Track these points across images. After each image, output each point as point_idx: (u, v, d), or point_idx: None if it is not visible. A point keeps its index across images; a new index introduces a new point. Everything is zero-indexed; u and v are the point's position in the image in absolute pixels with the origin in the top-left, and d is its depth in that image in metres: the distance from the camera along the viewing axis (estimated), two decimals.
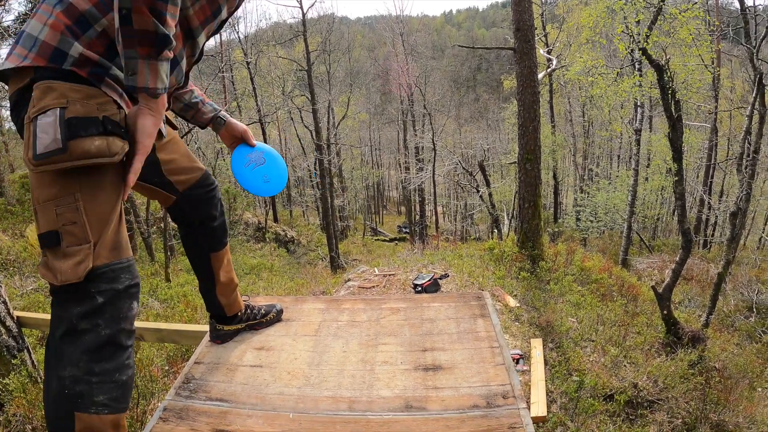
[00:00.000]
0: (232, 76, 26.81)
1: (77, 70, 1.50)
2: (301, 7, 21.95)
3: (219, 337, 2.65)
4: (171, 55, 1.48)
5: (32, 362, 3.39)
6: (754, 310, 10.04)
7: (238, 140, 2.35)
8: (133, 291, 1.67)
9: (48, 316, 3.37)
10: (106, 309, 1.56)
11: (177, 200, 2.21)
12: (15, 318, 3.32)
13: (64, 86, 1.47)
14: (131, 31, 1.38)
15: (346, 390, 2.29)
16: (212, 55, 23.76)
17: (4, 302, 3.24)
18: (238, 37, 26.93)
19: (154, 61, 1.43)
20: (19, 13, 15.22)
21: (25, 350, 3.35)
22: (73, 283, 1.51)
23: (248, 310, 2.74)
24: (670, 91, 7.07)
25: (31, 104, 1.46)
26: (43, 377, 3.41)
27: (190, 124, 13.32)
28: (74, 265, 1.51)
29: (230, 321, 2.65)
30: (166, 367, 4.33)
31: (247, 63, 25.09)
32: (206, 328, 2.88)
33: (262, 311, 2.82)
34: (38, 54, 1.47)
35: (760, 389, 7.04)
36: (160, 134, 1.97)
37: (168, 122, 2.13)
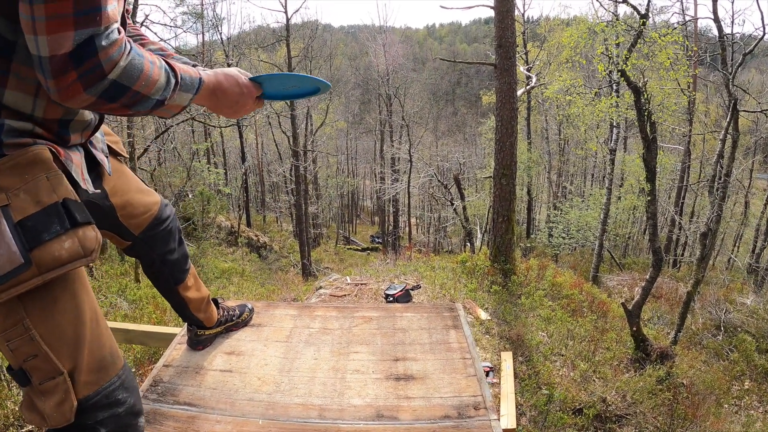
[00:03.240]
0: None
1: None
2: (286, 12, 21.92)
3: (200, 343, 2.60)
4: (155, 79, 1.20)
5: None
6: (722, 328, 10.18)
7: None
8: (137, 407, 1.47)
9: None
10: None
11: (134, 245, 2.02)
12: None
13: None
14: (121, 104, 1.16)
15: (316, 397, 2.26)
16: (194, 55, 23.57)
17: None
18: (221, 38, 26.85)
19: (158, 102, 1.23)
20: None
21: None
22: (64, 426, 1.29)
23: (225, 313, 2.71)
24: (646, 113, 7.18)
25: None
26: (7, 377, 3.34)
27: (166, 123, 13.19)
28: (56, 405, 1.26)
29: (210, 326, 2.61)
30: (134, 370, 4.26)
31: (228, 65, 24.95)
32: (176, 330, 2.84)
33: (237, 312, 2.80)
34: None
35: (726, 406, 7.14)
36: (100, 175, 1.67)
37: (112, 152, 1.77)
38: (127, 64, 1.10)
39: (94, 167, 1.58)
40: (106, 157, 1.67)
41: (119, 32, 1.09)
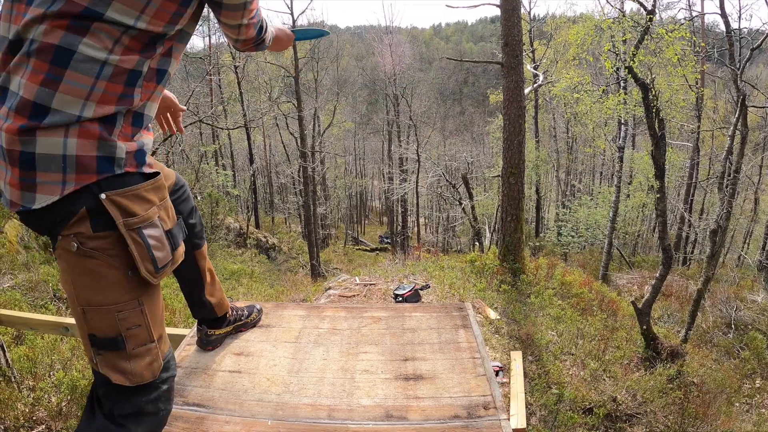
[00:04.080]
0: (220, 79, 26.70)
1: (132, 170, 1.45)
2: (292, 14, 21.98)
3: (210, 343, 2.61)
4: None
5: (6, 361, 3.32)
6: (733, 326, 10.12)
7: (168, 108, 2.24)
8: (176, 370, 1.80)
9: (24, 314, 3.34)
10: (167, 393, 1.69)
11: None
12: None
13: (145, 190, 1.48)
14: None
15: (325, 398, 2.26)
16: (200, 58, 23.68)
17: None
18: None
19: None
20: None
21: (0, 348, 3.28)
22: (147, 381, 1.60)
23: (234, 312, 2.73)
24: (654, 110, 7.14)
25: (118, 213, 1.39)
26: (18, 378, 3.36)
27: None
28: (147, 365, 1.58)
29: (220, 324, 2.62)
30: None
31: (235, 67, 25.04)
32: (185, 331, 2.85)
33: (246, 312, 2.81)
34: (79, 173, 1.33)
35: (737, 404, 7.09)
36: None
37: None
38: (264, 23, 1.77)
39: None
40: None
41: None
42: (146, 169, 1.49)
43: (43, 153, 1.28)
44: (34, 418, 3.12)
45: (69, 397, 3.23)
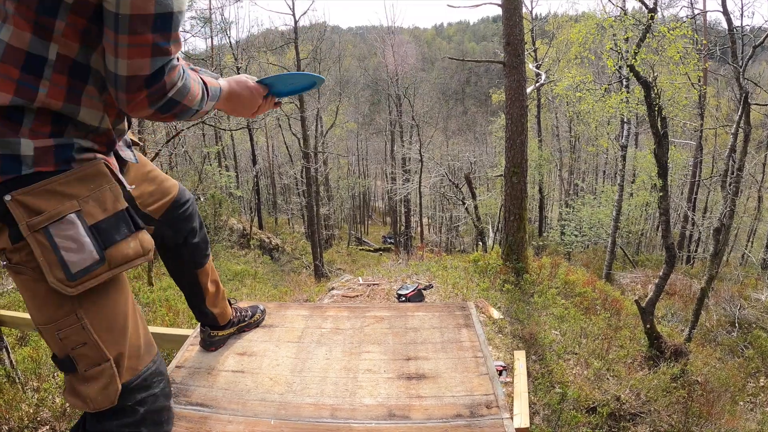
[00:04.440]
0: None
1: (46, 168, 1.25)
2: (294, 15, 22.00)
3: (213, 344, 2.61)
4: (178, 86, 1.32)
5: (11, 362, 3.34)
6: (737, 325, 10.11)
7: None
8: (168, 389, 1.61)
9: (28, 315, 3.34)
10: (147, 417, 1.50)
11: (155, 229, 2.04)
12: None
13: (59, 183, 1.26)
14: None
15: (328, 397, 2.27)
16: (203, 59, 23.69)
17: None
18: (230, 42, 26.91)
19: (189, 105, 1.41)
20: None
21: (4, 350, 3.30)
22: (104, 408, 1.41)
23: (238, 313, 2.72)
24: (656, 108, 7.13)
25: (22, 213, 1.21)
26: (22, 379, 3.37)
27: (177, 127, 13.26)
28: (101, 389, 1.38)
29: (223, 326, 2.62)
30: None
31: (238, 68, 25.03)
32: (188, 332, 2.86)
33: (249, 313, 2.81)
34: None
35: (741, 403, 7.09)
36: (123, 163, 1.69)
37: (133, 143, 1.80)
38: (182, 85, 1.32)
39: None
40: (129, 148, 1.74)
41: (178, 59, 1.32)
42: (75, 165, 1.30)
43: None
44: (38, 418, 3.13)
45: None
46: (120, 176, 1.46)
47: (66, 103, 1.25)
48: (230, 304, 2.67)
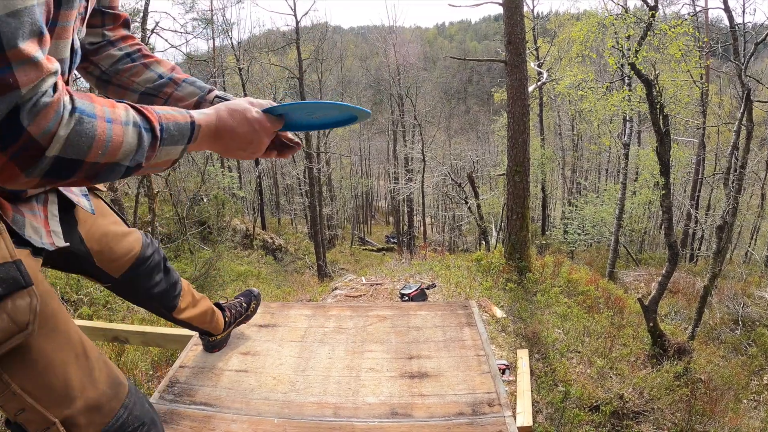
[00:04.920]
0: (224, 81, 26.73)
1: None
2: (295, 15, 22.00)
3: (215, 346, 2.61)
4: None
5: None
6: (740, 323, 10.09)
7: None
8: (154, 428, 1.42)
9: None
10: None
11: (113, 285, 1.86)
12: None
13: None
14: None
15: (331, 396, 2.28)
16: (205, 60, 23.72)
17: None
18: (231, 43, 26.96)
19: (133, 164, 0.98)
20: None
21: None
22: None
23: (231, 311, 2.63)
24: (658, 106, 7.13)
25: None
26: None
27: None
28: None
29: (218, 333, 2.59)
30: (151, 372, 4.30)
31: (239, 69, 25.10)
32: (192, 332, 2.86)
33: (244, 304, 2.72)
34: None
35: (745, 401, 7.08)
36: (75, 218, 1.57)
37: (92, 191, 1.65)
38: (71, 132, 0.84)
39: (69, 208, 1.50)
40: (85, 196, 1.55)
41: (56, 88, 0.83)
42: None
43: None
44: None
45: None
46: (21, 226, 1.20)
47: None
48: (221, 308, 2.55)
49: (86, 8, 1.14)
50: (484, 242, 17.85)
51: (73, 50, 1.08)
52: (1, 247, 1.07)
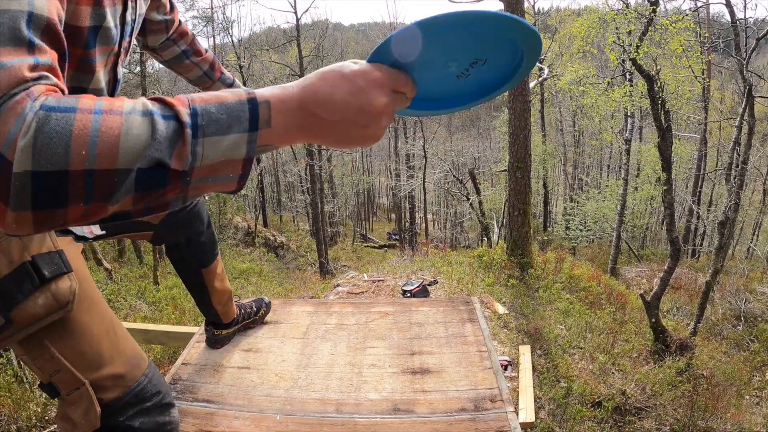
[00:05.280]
0: None
1: None
2: (295, 12, 21.96)
3: (218, 342, 2.63)
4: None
5: (18, 362, 3.36)
6: (742, 318, 10.07)
7: None
8: (167, 400, 1.51)
9: None
10: (152, 427, 1.44)
11: (155, 233, 2.00)
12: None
13: None
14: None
15: (333, 392, 2.28)
16: None
17: None
18: (232, 40, 26.90)
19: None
20: None
21: (11, 350, 3.31)
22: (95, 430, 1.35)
23: (242, 311, 2.73)
24: (660, 101, 7.12)
25: None
26: (30, 379, 3.39)
27: None
28: (83, 413, 1.33)
29: (227, 325, 2.64)
30: None
31: (240, 67, 25.04)
32: (194, 329, 2.87)
33: (254, 308, 2.82)
34: None
35: (747, 397, 7.07)
36: None
37: None
38: (35, 133, 0.61)
39: None
40: None
41: (28, 85, 0.66)
42: None
43: None
44: (46, 417, 3.15)
45: None
46: None
47: None
48: (234, 302, 2.67)
49: (129, 43, 1.24)
50: (485, 239, 17.85)
51: (113, 79, 1.22)
52: (46, 238, 1.26)
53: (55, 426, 3.07)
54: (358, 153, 48.47)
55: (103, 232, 1.52)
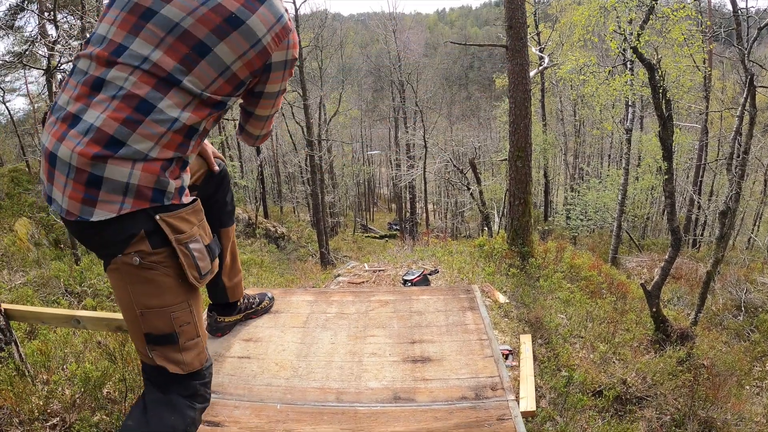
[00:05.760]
0: None
1: (176, 202, 1.67)
2: (294, 3, 21.88)
3: (219, 330, 2.67)
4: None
5: (20, 355, 3.35)
6: (743, 308, 10.06)
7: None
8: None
9: (36, 309, 3.37)
10: (210, 379, 1.93)
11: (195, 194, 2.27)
12: (2, 311, 3.28)
13: (186, 213, 1.70)
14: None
15: (334, 381, 2.28)
16: None
17: None
18: None
19: None
20: (9, 5, 15.06)
21: (13, 343, 3.31)
22: (196, 369, 1.83)
23: (246, 300, 2.80)
24: (661, 90, 7.08)
25: (170, 231, 1.64)
26: (32, 372, 3.39)
27: None
28: (195, 356, 1.82)
29: (231, 311, 2.68)
30: None
31: None
32: None
33: (257, 299, 2.88)
34: (137, 198, 1.57)
35: (748, 387, 7.08)
36: None
37: None
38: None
39: None
40: None
41: None
42: (185, 199, 1.72)
43: (110, 177, 1.53)
44: (48, 411, 3.14)
45: (82, 390, 3.25)
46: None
47: (192, 154, 1.73)
48: None
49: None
50: (486, 228, 17.84)
51: None
52: (208, 229, 1.82)
53: (57, 419, 3.08)
54: (358, 144, 48.47)
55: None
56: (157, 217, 1.61)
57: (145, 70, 1.55)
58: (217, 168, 2.39)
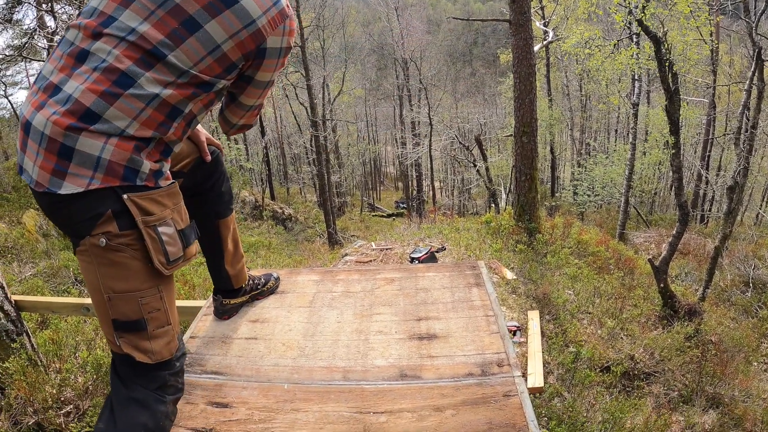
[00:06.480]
0: None
1: (149, 184, 1.62)
2: None
3: (226, 312, 2.67)
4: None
5: (32, 345, 3.38)
6: (751, 285, 10.04)
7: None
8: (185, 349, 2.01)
9: (46, 299, 3.40)
10: (182, 369, 1.89)
11: (184, 180, 2.24)
12: (13, 302, 3.31)
13: (159, 195, 1.65)
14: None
15: (340, 360, 2.28)
16: None
17: (2, 287, 3.22)
18: None
19: None
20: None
21: (24, 334, 3.34)
22: (165, 359, 1.78)
23: (251, 281, 2.78)
24: (667, 64, 7.00)
25: (137, 212, 1.59)
26: (45, 361, 3.42)
27: None
28: (165, 345, 1.77)
29: (236, 294, 2.67)
30: None
31: None
32: (202, 303, 2.87)
33: (263, 280, 2.86)
34: (107, 175, 1.53)
35: (755, 363, 7.07)
36: None
37: None
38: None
39: None
40: None
41: None
42: (162, 183, 1.67)
43: (81, 150, 1.50)
44: (61, 398, 3.18)
45: (95, 376, 3.28)
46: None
47: (177, 138, 1.71)
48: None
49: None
50: (493, 204, 17.81)
51: None
52: (185, 214, 1.78)
53: (71, 407, 3.12)
54: (363, 123, 48.29)
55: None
56: (125, 196, 1.56)
57: (130, 41, 1.53)
58: (209, 157, 2.32)
